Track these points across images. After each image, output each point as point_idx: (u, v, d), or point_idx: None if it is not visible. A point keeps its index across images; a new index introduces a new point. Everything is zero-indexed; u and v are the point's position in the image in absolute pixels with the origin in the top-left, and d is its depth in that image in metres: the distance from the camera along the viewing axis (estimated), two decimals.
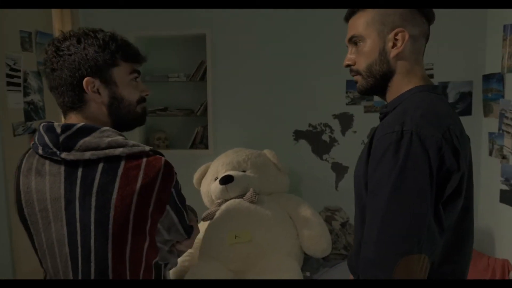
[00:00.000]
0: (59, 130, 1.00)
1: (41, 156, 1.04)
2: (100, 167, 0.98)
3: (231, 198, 2.69)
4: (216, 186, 2.74)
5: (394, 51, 1.06)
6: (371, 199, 0.99)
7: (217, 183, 2.73)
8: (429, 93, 1.05)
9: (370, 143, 1.05)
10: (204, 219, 2.62)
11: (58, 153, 0.99)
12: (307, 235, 2.59)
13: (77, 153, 0.99)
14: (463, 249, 1.06)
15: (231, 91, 3.37)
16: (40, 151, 1.02)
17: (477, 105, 3.05)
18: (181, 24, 3.34)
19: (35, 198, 1.03)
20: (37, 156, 1.05)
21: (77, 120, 1.06)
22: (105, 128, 1.02)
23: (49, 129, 1.01)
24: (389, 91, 1.11)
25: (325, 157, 3.33)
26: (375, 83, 1.10)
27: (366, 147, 1.07)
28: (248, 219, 2.54)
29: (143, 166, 0.99)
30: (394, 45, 1.06)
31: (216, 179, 2.82)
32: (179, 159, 3.17)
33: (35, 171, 1.03)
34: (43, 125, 1.04)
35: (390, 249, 0.92)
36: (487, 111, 2.94)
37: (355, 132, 3.27)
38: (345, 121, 3.27)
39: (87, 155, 0.98)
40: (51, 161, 1.02)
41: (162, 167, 1.00)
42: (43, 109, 2.88)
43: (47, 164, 1.02)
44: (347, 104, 3.25)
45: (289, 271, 2.30)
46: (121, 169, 0.98)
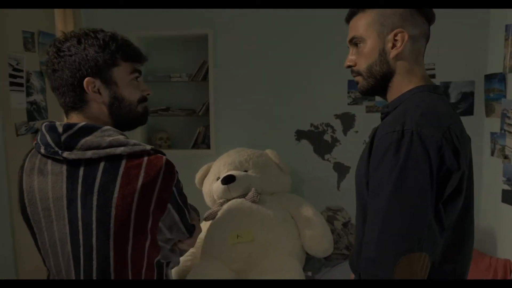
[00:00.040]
0: (61, 129, 1.00)
1: (44, 155, 1.04)
2: (101, 166, 0.99)
3: (233, 198, 2.69)
4: (218, 186, 2.74)
5: (393, 51, 1.06)
6: (372, 198, 0.99)
7: (219, 183, 2.73)
8: (429, 93, 1.06)
9: (371, 143, 1.05)
10: (206, 219, 2.62)
11: (60, 152, 1.00)
12: (309, 235, 2.59)
13: (78, 152, 0.99)
14: (463, 248, 1.06)
15: (233, 91, 3.38)
16: (42, 150, 1.03)
17: (479, 105, 3.05)
18: (183, 24, 3.35)
19: (37, 197, 1.03)
20: (39, 155, 1.05)
21: (79, 120, 1.06)
22: (106, 127, 1.03)
23: (51, 128, 1.02)
24: (389, 91, 1.12)
25: (327, 157, 3.33)
26: (375, 83, 1.10)
27: (367, 146, 1.07)
28: (250, 219, 2.54)
29: (144, 165, 0.99)
30: (393, 46, 1.06)
31: (218, 179, 2.82)
32: (181, 159, 3.18)
33: (37, 171, 1.04)
34: (45, 125, 1.04)
35: (390, 248, 0.93)
36: (489, 111, 2.93)
37: (357, 132, 3.27)
38: (347, 121, 3.27)
39: (88, 154, 0.98)
40: (53, 160, 1.03)
41: (163, 166, 1.01)
42: (46, 109, 2.89)
43: (50, 163, 1.03)
44: (349, 104, 3.25)
45: (291, 271, 2.30)
46: (122, 168, 0.98)
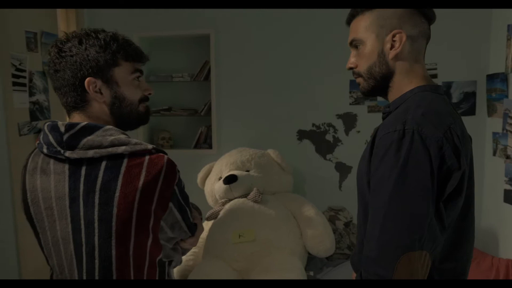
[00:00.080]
0: (63, 129, 1.01)
1: (46, 155, 1.05)
2: (103, 165, 1.00)
3: (235, 197, 2.69)
4: (220, 185, 2.74)
5: (392, 52, 1.07)
6: (373, 197, 1.00)
7: (221, 182, 2.73)
8: (430, 92, 1.06)
9: (372, 142, 1.06)
10: (208, 219, 2.63)
11: (62, 151, 1.01)
12: (311, 234, 2.59)
13: (80, 151, 1.00)
14: (464, 247, 1.06)
15: (235, 91, 3.38)
16: (45, 150, 1.04)
17: (481, 105, 3.04)
18: (185, 24, 3.36)
19: (40, 196, 1.04)
20: (42, 155, 1.06)
21: (81, 119, 1.07)
22: (108, 126, 1.03)
23: (53, 128, 1.03)
24: (390, 91, 1.12)
25: (328, 157, 3.33)
26: (376, 84, 1.11)
27: (368, 145, 1.08)
28: (252, 218, 2.54)
29: (146, 164, 1.00)
30: (392, 47, 1.07)
31: (220, 178, 2.83)
32: (183, 158, 3.19)
33: (40, 170, 1.05)
34: (47, 125, 1.05)
35: (391, 246, 0.93)
36: (491, 111, 2.93)
37: (358, 132, 3.26)
38: (349, 121, 3.27)
39: (90, 153, 0.99)
40: (56, 159, 1.03)
41: (164, 165, 1.01)
42: (49, 109, 2.90)
43: (52, 163, 1.04)
44: (350, 104, 3.25)
45: (293, 271, 2.30)
46: (123, 167, 0.99)
